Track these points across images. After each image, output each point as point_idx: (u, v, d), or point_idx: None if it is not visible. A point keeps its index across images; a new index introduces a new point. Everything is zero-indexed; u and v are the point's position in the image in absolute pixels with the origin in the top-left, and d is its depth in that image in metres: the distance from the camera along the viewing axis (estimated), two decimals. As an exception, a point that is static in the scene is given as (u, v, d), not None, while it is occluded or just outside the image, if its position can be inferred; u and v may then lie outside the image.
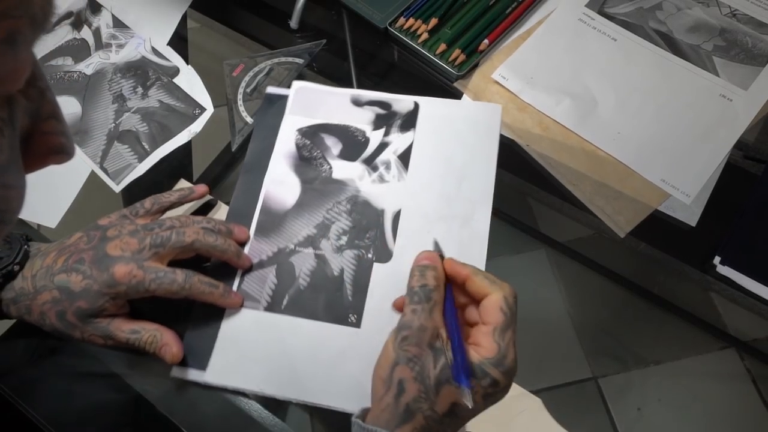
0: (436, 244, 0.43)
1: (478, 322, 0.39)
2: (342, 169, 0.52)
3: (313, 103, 0.55)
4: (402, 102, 0.54)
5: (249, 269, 0.48)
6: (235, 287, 0.47)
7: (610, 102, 0.55)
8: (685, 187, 0.51)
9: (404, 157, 0.51)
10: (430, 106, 0.53)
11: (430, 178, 0.50)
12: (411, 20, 0.59)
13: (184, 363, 0.45)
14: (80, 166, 0.55)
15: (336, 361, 0.44)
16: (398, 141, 0.52)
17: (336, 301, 0.46)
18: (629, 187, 0.51)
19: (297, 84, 0.55)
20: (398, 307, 0.43)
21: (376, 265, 0.47)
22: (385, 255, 0.48)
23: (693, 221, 0.50)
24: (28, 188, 0.56)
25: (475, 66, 0.58)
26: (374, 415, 0.37)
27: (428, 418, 0.35)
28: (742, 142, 0.53)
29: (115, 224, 0.45)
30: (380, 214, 0.49)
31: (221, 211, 0.53)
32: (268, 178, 0.52)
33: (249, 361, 0.45)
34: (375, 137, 0.53)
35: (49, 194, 0.54)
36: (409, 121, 0.53)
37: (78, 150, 0.56)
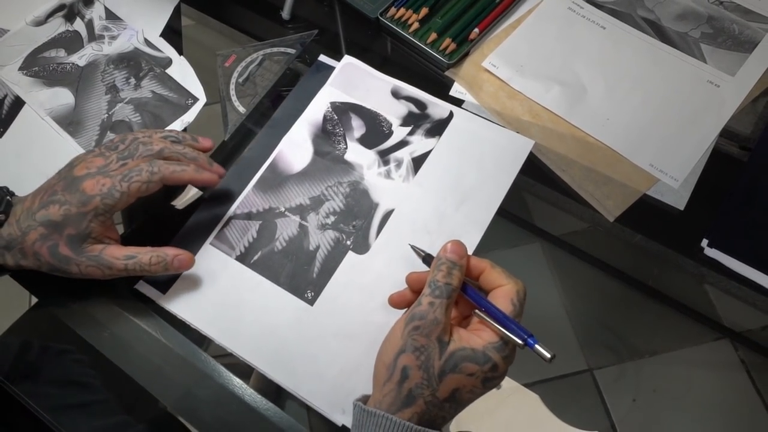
0: (414, 249, 0.45)
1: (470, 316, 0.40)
2: (355, 153, 0.53)
3: (354, 81, 0.56)
4: (438, 107, 0.54)
5: (235, 213, 0.50)
6: (217, 230, 0.49)
7: (599, 89, 0.55)
8: (673, 171, 0.51)
9: (418, 162, 0.52)
10: (463, 119, 0.54)
11: (434, 190, 0.51)
12: (402, 10, 0.60)
13: (150, 281, 0.47)
14: (73, 156, 0.55)
15: (279, 327, 0.46)
16: (419, 144, 0.53)
17: (301, 274, 0.48)
18: (618, 172, 0.52)
19: (347, 59, 0.57)
20: (393, 302, 0.44)
21: (350, 254, 0.48)
22: (363, 247, 0.48)
23: (681, 205, 0.50)
24: (20, 175, 0.57)
25: (466, 55, 0.58)
26: (376, 399, 0.38)
27: (429, 404, 0.36)
28: (729, 129, 0.54)
29: (81, 155, 0.47)
30: (373, 207, 0.50)
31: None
32: (286, 138, 0.54)
33: (204, 299, 0.47)
34: (399, 133, 0.53)
35: (42, 183, 0.54)
36: (437, 128, 0.53)
37: (71, 140, 0.56)
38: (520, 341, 0.36)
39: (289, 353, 0.45)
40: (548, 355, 0.36)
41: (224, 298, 0.47)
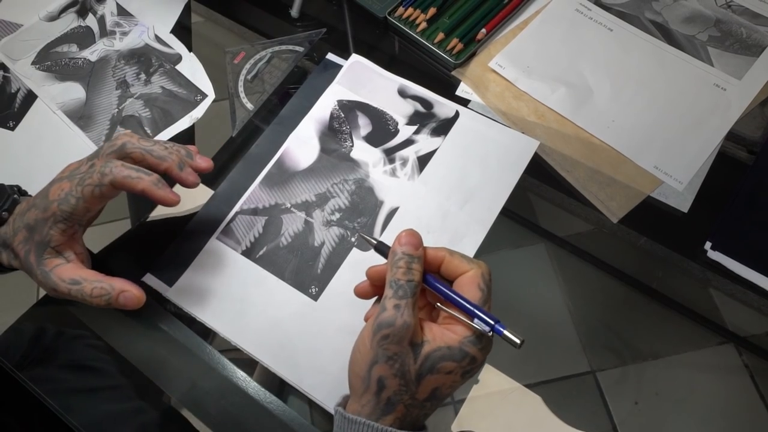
0: (363, 236, 0.42)
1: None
2: (361, 151, 0.53)
3: (361, 79, 0.56)
4: (444, 106, 0.55)
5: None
6: (224, 225, 0.50)
7: (605, 91, 0.56)
8: (677, 174, 0.51)
9: (423, 160, 0.52)
10: (469, 119, 0.54)
11: (438, 189, 0.51)
12: (410, 10, 0.60)
13: (157, 274, 0.48)
14: (83, 150, 0.56)
15: (283, 322, 0.47)
16: (425, 143, 0.53)
17: (305, 269, 0.48)
18: (622, 174, 0.52)
19: (354, 57, 0.57)
20: (360, 292, 0.41)
21: (354, 250, 0.49)
22: (367, 244, 0.49)
23: (685, 207, 0.51)
24: (31, 168, 0.57)
25: (473, 55, 0.59)
26: (355, 409, 0.37)
27: (409, 406, 0.36)
28: (735, 133, 0.54)
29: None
30: (378, 204, 0.50)
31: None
32: (293, 135, 0.54)
33: (209, 293, 0.48)
34: (405, 132, 0.54)
35: (52, 177, 0.55)
36: (443, 127, 0.54)
37: (81, 134, 0.57)
38: (487, 329, 0.35)
39: (293, 347, 0.46)
40: (518, 341, 0.34)
41: (229, 292, 0.48)
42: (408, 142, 0.53)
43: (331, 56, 0.58)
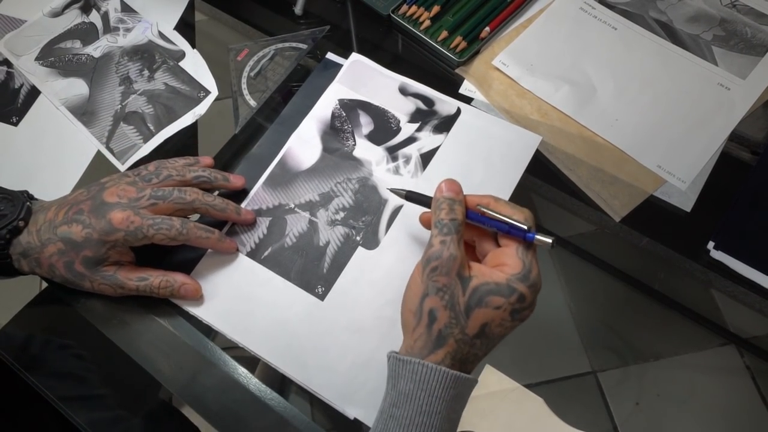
0: (393, 190, 0.46)
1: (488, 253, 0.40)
2: (364, 149, 0.53)
3: (362, 78, 0.56)
4: (446, 104, 0.55)
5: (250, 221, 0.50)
6: (228, 226, 0.50)
7: (608, 89, 0.55)
8: (681, 173, 0.51)
9: (426, 157, 0.52)
10: (471, 115, 0.54)
11: None
12: (414, 7, 0.60)
13: None
14: (86, 145, 0.56)
15: (290, 322, 0.46)
16: (427, 140, 0.53)
17: (311, 269, 0.48)
18: (625, 173, 0.52)
19: (354, 56, 0.57)
20: (425, 221, 0.46)
21: (360, 249, 0.48)
22: (372, 242, 0.49)
23: (688, 207, 0.50)
24: (36, 166, 0.58)
25: (477, 53, 0.58)
26: (407, 345, 0.38)
27: (459, 341, 0.37)
28: (738, 133, 0.53)
29: (114, 178, 0.47)
30: (382, 203, 0.50)
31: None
32: (295, 134, 0.54)
33: (214, 295, 0.47)
34: (407, 129, 0.54)
35: (55, 173, 0.55)
36: (445, 124, 0.54)
37: (84, 130, 0.57)
38: (523, 229, 0.38)
39: (300, 347, 0.45)
40: (549, 241, 0.37)
41: (235, 294, 0.47)
42: (410, 140, 0.53)
43: (330, 56, 0.58)
